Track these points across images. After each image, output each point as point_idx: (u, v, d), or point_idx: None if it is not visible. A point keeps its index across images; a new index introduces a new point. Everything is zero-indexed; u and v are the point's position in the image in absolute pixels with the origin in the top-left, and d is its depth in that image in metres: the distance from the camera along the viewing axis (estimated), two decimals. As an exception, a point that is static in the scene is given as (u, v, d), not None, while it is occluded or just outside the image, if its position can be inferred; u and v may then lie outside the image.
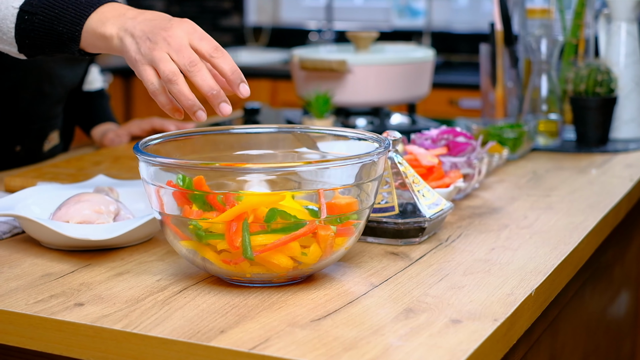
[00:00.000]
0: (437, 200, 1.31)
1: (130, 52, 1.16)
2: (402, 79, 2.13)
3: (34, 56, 1.29)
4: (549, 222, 1.38)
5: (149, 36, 1.15)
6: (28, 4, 1.25)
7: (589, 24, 2.08)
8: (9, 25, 1.26)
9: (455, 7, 4.28)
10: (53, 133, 1.87)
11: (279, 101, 3.92)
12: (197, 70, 1.13)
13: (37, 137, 1.82)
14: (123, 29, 1.18)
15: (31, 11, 1.24)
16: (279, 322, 0.98)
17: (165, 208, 1.08)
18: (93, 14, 1.21)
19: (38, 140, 1.83)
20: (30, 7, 1.24)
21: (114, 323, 0.98)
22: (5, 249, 1.25)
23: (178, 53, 1.13)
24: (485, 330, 0.96)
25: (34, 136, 1.82)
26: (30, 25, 1.24)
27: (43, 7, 1.24)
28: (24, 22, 1.25)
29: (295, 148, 1.25)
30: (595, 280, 1.60)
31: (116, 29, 1.19)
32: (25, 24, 1.25)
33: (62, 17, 1.22)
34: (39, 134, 1.83)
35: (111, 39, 1.19)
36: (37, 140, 1.83)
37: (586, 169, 1.77)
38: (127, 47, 1.17)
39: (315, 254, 1.07)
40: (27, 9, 1.24)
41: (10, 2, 1.26)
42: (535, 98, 1.98)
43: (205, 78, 1.13)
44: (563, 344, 1.45)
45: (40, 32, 1.24)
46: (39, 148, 1.83)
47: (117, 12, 1.21)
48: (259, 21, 4.63)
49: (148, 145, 1.15)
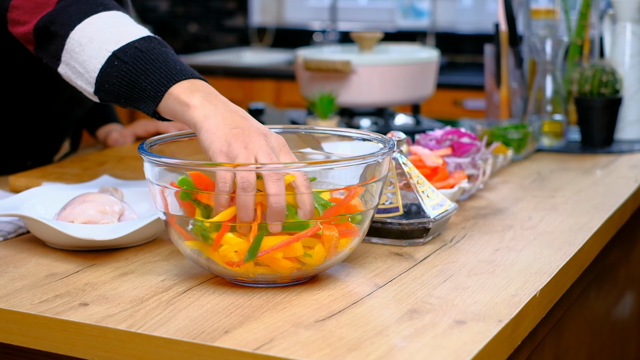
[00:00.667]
0: (441, 201, 1.30)
1: (215, 133, 1.10)
2: (407, 80, 2.13)
3: (107, 102, 1.28)
4: (554, 223, 1.38)
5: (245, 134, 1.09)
6: (122, 52, 1.23)
7: (594, 24, 2.08)
8: (96, 65, 1.25)
9: (459, 7, 4.28)
10: (64, 144, 1.88)
11: (283, 102, 3.92)
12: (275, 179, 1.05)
13: (49, 152, 1.83)
14: (213, 108, 1.14)
15: (123, 59, 1.23)
16: (283, 322, 0.98)
17: (169, 208, 1.08)
18: (184, 81, 1.19)
19: (50, 154, 1.83)
20: (123, 55, 1.23)
21: (119, 323, 0.98)
22: (10, 248, 1.25)
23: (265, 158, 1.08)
24: (490, 331, 0.96)
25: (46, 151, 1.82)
26: (116, 72, 1.23)
27: (135, 59, 1.22)
28: (111, 67, 1.24)
29: (300, 148, 1.25)
30: (600, 281, 1.59)
31: (204, 102, 1.15)
32: (112, 69, 1.23)
33: (151, 73, 1.21)
34: (51, 149, 1.83)
35: (195, 108, 1.15)
36: (49, 153, 1.83)
37: (591, 169, 1.77)
38: (212, 131, 1.11)
39: (319, 254, 1.07)
40: (119, 56, 1.23)
41: (106, 44, 1.25)
42: (540, 99, 1.98)
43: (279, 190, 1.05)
44: (568, 345, 1.45)
45: (123, 82, 1.23)
46: (49, 160, 1.84)
47: (209, 89, 1.18)
48: (263, 22, 4.64)
49: (153, 146, 1.15)
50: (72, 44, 1.27)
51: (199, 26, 4.75)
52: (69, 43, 1.28)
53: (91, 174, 1.58)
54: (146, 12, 4.81)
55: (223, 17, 4.71)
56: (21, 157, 1.76)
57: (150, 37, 1.26)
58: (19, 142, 1.74)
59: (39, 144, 1.78)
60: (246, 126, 1.11)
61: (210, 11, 4.73)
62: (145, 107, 1.22)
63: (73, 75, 1.28)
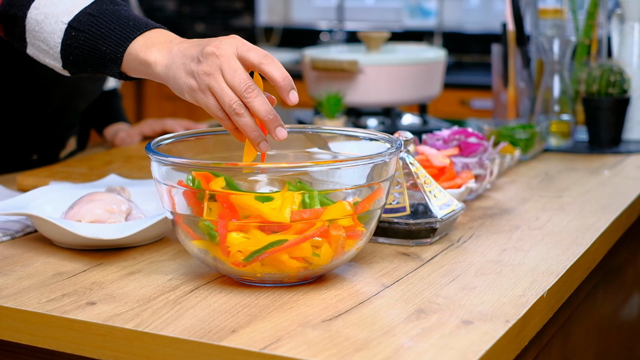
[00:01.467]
0: (448, 201, 1.30)
1: (180, 78, 1.13)
2: (414, 80, 2.12)
3: (77, 74, 1.28)
4: (561, 223, 1.38)
5: (199, 56, 1.11)
6: (77, 21, 1.24)
7: (602, 24, 2.07)
8: (56, 40, 1.25)
9: (466, 7, 4.27)
10: (70, 140, 1.88)
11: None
12: (254, 95, 1.10)
13: (54, 147, 1.83)
14: (169, 56, 1.15)
15: (78, 28, 1.23)
16: (290, 322, 0.98)
17: (176, 207, 1.09)
18: (139, 37, 1.20)
19: (56, 149, 1.83)
20: (78, 24, 1.24)
21: (126, 322, 0.99)
22: (18, 247, 1.26)
23: (233, 78, 1.10)
24: (497, 332, 0.96)
25: (51, 146, 1.82)
26: (75, 42, 1.24)
27: (90, 25, 1.23)
28: (70, 38, 1.24)
29: (307, 148, 1.25)
30: (607, 282, 1.59)
31: (161, 55, 1.16)
32: (71, 40, 1.24)
33: (107, 37, 1.21)
34: (57, 143, 1.83)
35: (155, 65, 1.16)
36: (55, 149, 1.83)
37: (598, 170, 1.76)
38: (175, 74, 1.14)
39: (326, 254, 1.07)
40: (74, 25, 1.24)
41: (60, 16, 1.25)
42: (548, 99, 1.98)
43: (261, 103, 1.10)
44: (575, 345, 1.45)
45: (84, 50, 1.23)
46: (56, 156, 1.84)
47: (164, 38, 1.19)
48: (270, 21, 4.64)
49: (160, 145, 1.15)
50: (31, 23, 1.28)
51: (206, 26, 4.76)
52: (28, 23, 1.28)
53: (98, 174, 1.59)
54: (153, 12, 4.81)
55: (230, 17, 4.71)
56: (26, 150, 1.76)
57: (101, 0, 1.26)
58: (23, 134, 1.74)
59: (43, 138, 1.78)
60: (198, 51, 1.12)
61: (217, 11, 4.73)
62: (110, 71, 1.23)
63: (40, 54, 1.29)
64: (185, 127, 1.95)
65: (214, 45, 1.11)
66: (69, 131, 1.86)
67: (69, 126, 1.85)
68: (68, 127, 1.85)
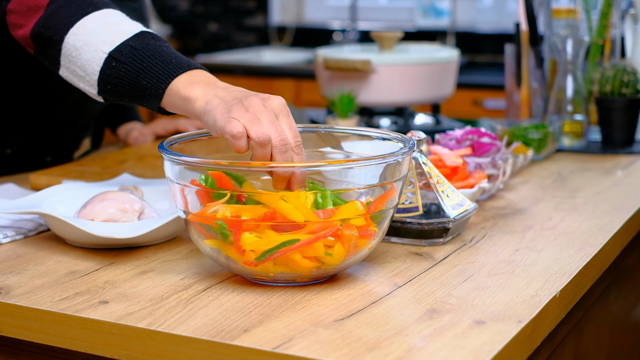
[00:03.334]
0: (461, 201, 1.30)
1: (217, 112, 1.12)
2: (426, 79, 2.12)
3: (112, 102, 1.29)
4: (574, 223, 1.38)
5: (243, 101, 1.11)
6: (118, 52, 1.25)
7: (615, 24, 2.07)
8: (95, 68, 1.26)
9: (479, 7, 4.26)
10: (85, 141, 1.88)
11: (303, 101, 3.93)
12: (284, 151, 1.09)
13: (69, 148, 1.83)
14: (213, 94, 1.15)
15: (119, 59, 1.24)
16: (302, 321, 0.98)
17: (189, 207, 1.09)
18: (182, 75, 1.20)
19: (70, 150, 1.84)
20: (119, 55, 1.24)
21: (138, 321, 0.99)
22: (31, 246, 1.26)
23: (272, 126, 1.09)
24: (509, 332, 0.96)
25: (66, 147, 1.83)
26: (115, 73, 1.25)
27: (132, 59, 1.24)
28: (109, 68, 1.25)
29: (320, 148, 1.25)
30: (620, 282, 1.59)
31: (204, 92, 1.16)
32: (111, 70, 1.25)
33: (149, 71, 1.22)
34: (71, 144, 1.84)
35: (196, 100, 1.16)
36: (69, 150, 1.84)
37: (611, 170, 1.76)
38: (214, 108, 1.13)
39: (339, 254, 1.07)
40: (116, 56, 1.25)
41: (101, 46, 1.26)
42: (561, 99, 1.97)
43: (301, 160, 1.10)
44: (587, 346, 1.44)
45: (124, 82, 1.24)
46: (70, 157, 1.84)
47: (208, 79, 1.20)
48: (283, 21, 4.64)
49: (173, 144, 1.15)
50: (68, 48, 1.29)
51: (219, 25, 4.76)
52: (65, 48, 1.29)
53: (111, 172, 1.59)
54: (166, 12, 4.82)
55: (243, 16, 4.71)
56: (40, 152, 1.77)
57: (143, 33, 1.27)
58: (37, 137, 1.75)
59: (58, 139, 1.79)
60: (245, 95, 1.13)
61: (230, 10, 4.73)
62: (149, 104, 1.23)
63: (75, 78, 1.30)
64: (198, 127, 1.96)
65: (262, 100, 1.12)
66: (83, 132, 1.86)
67: (84, 127, 1.85)
68: (83, 128, 1.85)
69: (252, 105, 1.10)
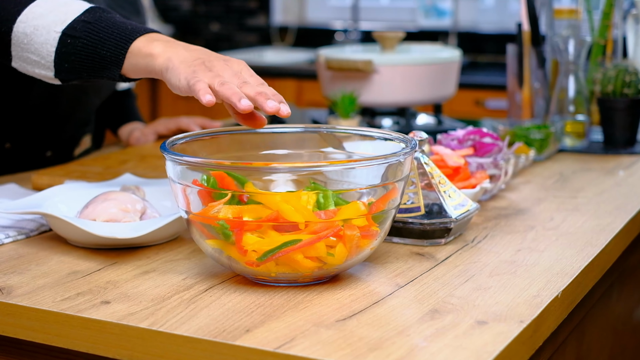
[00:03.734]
0: (463, 201, 1.30)
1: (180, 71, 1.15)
2: (428, 79, 2.12)
3: (69, 82, 1.29)
4: (576, 223, 1.38)
5: (205, 62, 1.15)
6: (71, 29, 1.26)
7: (617, 24, 2.06)
8: (49, 49, 1.27)
9: (481, 7, 4.26)
10: (85, 138, 1.88)
11: (305, 101, 3.93)
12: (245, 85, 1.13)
13: (69, 143, 1.83)
14: (174, 51, 1.18)
15: (74, 35, 1.25)
16: (304, 321, 0.98)
17: (191, 207, 1.09)
18: (140, 37, 1.22)
19: (70, 146, 1.84)
20: (73, 32, 1.26)
21: (140, 321, 0.99)
22: (33, 246, 1.26)
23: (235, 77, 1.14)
24: (511, 332, 0.96)
25: (66, 142, 1.83)
26: (72, 49, 1.25)
27: (87, 32, 1.25)
28: (65, 46, 1.26)
29: (321, 148, 1.25)
30: (622, 282, 1.59)
31: (165, 49, 1.19)
32: (67, 48, 1.26)
33: (106, 41, 1.24)
34: (71, 140, 1.84)
35: (158, 57, 1.19)
36: (69, 145, 1.84)
37: (613, 170, 1.76)
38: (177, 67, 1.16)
39: (341, 254, 1.07)
40: (70, 33, 1.26)
41: (53, 26, 1.27)
42: (562, 99, 1.97)
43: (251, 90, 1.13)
44: (589, 346, 1.44)
45: (82, 56, 1.25)
46: (70, 153, 1.84)
47: (166, 38, 1.22)
48: (285, 21, 4.64)
49: (175, 145, 1.15)
50: (17, 37, 1.29)
51: (221, 25, 4.76)
52: (14, 38, 1.30)
53: (113, 173, 1.59)
54: (168, 12, 4.82)
55: (245, 17, 4.72)
56: (40, 147, 1.77)
57: (93, 8, 1.28)
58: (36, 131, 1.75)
59: (56, 134, 1.79)
60: (206, 56, 1.16)
61: (232, 10, 4.74)
62: (108, 73, 1.24)
63: (29, 66, 1.30)
64: (200, 125, 1.95)
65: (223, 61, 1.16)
66: (83, 128, 1.86)
67: (83, 123, 1.85)
68: (82, 124, 1.85)
69: (214, 66, 1.14)
